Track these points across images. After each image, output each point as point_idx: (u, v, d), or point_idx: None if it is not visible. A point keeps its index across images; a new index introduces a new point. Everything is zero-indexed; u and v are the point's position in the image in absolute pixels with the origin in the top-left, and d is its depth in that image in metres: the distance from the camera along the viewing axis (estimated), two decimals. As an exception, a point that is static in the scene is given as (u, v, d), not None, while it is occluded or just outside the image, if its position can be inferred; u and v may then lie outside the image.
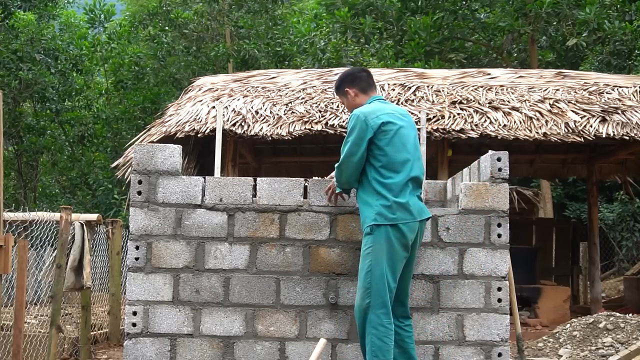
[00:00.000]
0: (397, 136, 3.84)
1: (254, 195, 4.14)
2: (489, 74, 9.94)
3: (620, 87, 9.38)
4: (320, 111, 8.80)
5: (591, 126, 8.40)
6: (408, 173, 3.82)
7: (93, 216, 6.54)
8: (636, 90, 9.27)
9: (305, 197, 4.14)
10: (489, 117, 8.60)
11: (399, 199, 3.75)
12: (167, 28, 18.92)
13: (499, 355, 4.04)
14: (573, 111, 8.69)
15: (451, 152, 8.98)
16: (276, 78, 9.98)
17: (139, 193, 4.12)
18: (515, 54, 16.72)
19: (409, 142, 3.90)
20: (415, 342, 4.02)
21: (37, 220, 6.34)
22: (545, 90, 9.28)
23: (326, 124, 8.54)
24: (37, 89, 17.25)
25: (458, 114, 8.66)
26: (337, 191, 4.02)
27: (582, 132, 8.34)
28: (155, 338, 4.05)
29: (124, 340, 4.08)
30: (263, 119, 8.62)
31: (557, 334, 6.71)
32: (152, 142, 8.36)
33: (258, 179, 4.18)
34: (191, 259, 4.09)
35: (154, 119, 11.64)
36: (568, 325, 6.83)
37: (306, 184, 4.16)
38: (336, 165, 3.91)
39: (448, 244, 4.10)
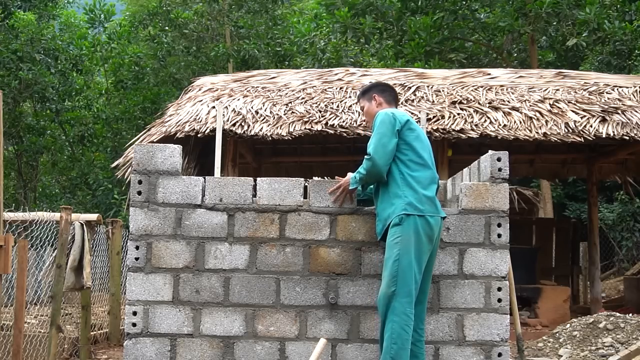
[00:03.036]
0: (420, 137, 4.04)
1: (254, 195, 4.14)
2: (489, 74, 9.94)
3: (620, 87, 9.38)
4: (320, 111, 8.80)
5: (591, 126, 8.40)
6: (433, 171, 4.00)
7: (93, 216, 6.54)
8: (636, 90, 9.27)
9: (305, 197, 4.14)
10: (489, 117, 8.60)
11: (427, 193, 3.88)
12: (167, 28, 18.92)
13: (499, 355, 4.04)
14: (573, 111, 8.69)
15: (451, 152, 8.98)
16: (276, 78, 9.97)
17: (139, 193, 4.12)
18: (515, 54, 16.72)
19: (428, 146, 4.10)
20: (415, 342, 4.02)
21: (37, 220, 6.34)
22: (545, 90, 9.28)
23: (326, 124, 8.54)
24: (37, 89, 17.25)
25: (458, 114, 8.66)
26: (351, 187, 4.02)
27: (582, 132, 8.34)
28: (155, 338, 4.05)
29: (124, 340, 4.08)
30: (263, 119, 8.62)
31: (557, 334, 6.71)
32: (152, 142, 8.36)
33: (258, 179, 4.18)
34: (191, 259, 4.09)
35: (154, 119, 11.64)
36: (568, 325, 6.83)
37: (306, 184, 4.16)
38: (367, 157, 3.91)
39: (448, 244, 4.10)
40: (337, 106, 8.89)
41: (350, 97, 9.18)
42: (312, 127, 8.49)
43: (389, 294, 3.74)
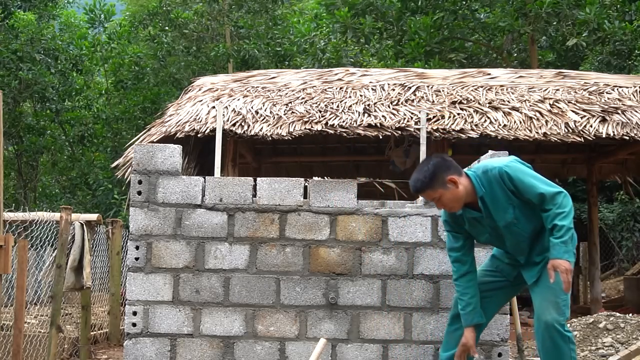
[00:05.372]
0: None
1: (254, 195, 4.14)
2: (489, 74, 9.94)
3: (620, 87, 9.38)
4: (320, 111, 8.80)
5: (591, 126, 8.40)
6: None
7: (93, 216, 6.54)
8: (636, 90, 9.27)
9: (305, 197, 4.14)
10: (489, 117, 8.61)
11: None
12: (167, 28, 18.91)
13: (499, 355, 4.04)
14: (573, 111, 8.70)
15: (451, 152, 8.97)
16: (276, 78, 9.98)
17: (139, 193, 4.12)
18: (515, 54, 16.72)
19: None
20: (416, 342, 4.03)
21: (37, 220, 6.34)
22: (545, 90, 9.28)
23: (326, 124, 8.53)
24: (37, 89, 17.25)
25: (458, 114, 8.66)
26: (571, 260, 3.44)
27: (582, 132, 8.34)
28: (155, 338, 4.05)
29: (124, 340, 4.08)
30: (263, 119, 8.62)
31: (557, 334, 6.69)
32: (152, 142, 8.36)
33: (258, 179, 4.18)
34: (191, 259, 4.09)
35: (154, 119, 11.63)
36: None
37: (306, 184, 4.16)
38: (556, 193, 3.45)
39: (448, 244, 4.09)
40: (337, 106, 8.89)
41: (350, 97, 9.18)
42: (312, 127, 8.49)
43: (561, 322, 3.50)
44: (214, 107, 8.64)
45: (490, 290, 3.80)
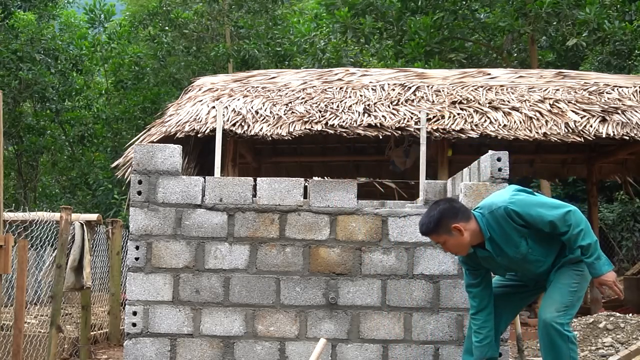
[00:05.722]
0: None
1: (254, 195, 4.14)
2: (489, 74, 9.94)
3: (620, 87, 9.38)
4: (320, 111, 8.80)
5: (591, 126, 8.40)
6: None
7: (93, 216, 6.54)
8: (636, 90, 9.27)
9: (305, 197, 4.14)
10: (489, 117, 8.60)
11: None
12: (167, 28, 18.90)
13: (499, 355, 4.04)
14: (573, 111, 8.69)
15: (451, 152, 8.98)
16: (276, 78, 9.97)
17: (139, 193, 4.12)
18: (515, 54, 16.71)
19: None
20: (415, 342, 4.02)
21: (37, 220, 6.34)
22: (545, 90, 9.28)
23: (326, 124, 8.53)
24: (37, 89, 17.24)
25: (458, 114, 8.66)
26: (610, 270, 3.47)
27: (582, 132, 8.34)
28: (155, 338, 4.05)
29: (124, 340, 4.08)
30: (263, 119, 8.62)
31: (557, 334, 6.69)
32: (152, 142, 8.36)
33: (258, 179, 4.18)
34: (191, 259, 4.09)
35: (154, 119, 11.63)
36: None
37: (306, 184, 4.16)
38: (595, 245, 3.43)
39: (448, 244, 4.09)
40: (337, 106, 8.89)
41: (350, 97, 9.18)
42: (312, 127, 8.49)
43: (560, 321, 3.48)
44: (214, 107, 8.64)
45: (507, 294, 3.81)
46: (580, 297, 3.56)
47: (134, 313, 4.06)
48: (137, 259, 4.09)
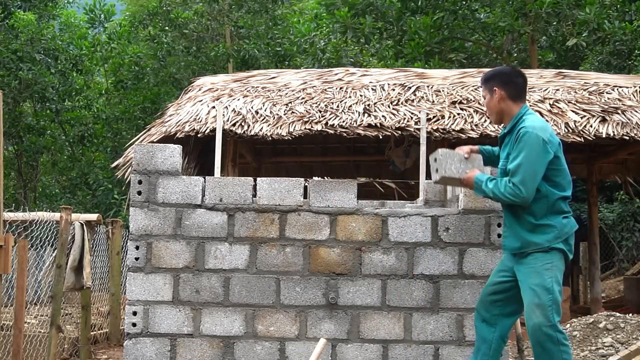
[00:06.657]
0: (562, 155, 3.83)
1: (254, 195, 4.15)
2: (489, 74, 9.92)
3: (620, 87, 9.38)
4: (320, 111, 8.80)
5: (591, 126, 8.40)
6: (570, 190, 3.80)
7: (93, 216, 6.54)
8: (636, 90, 9.27)
9: (305, 197, 4.14)
10: (489, 117, 8.59)
11: (572, 223, 3.73)
12: (167, 28, 18.91)
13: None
14: (573, 111, 8.69)
15: (451, 152, 8.96)
16: (276, 78, 9.97)
17: (139, 193, 4.12)
18: (515, 54, 16.70)
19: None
20: (415, 342, 4.02)
21: (37, 220, 6.34)
22: (545, 90, 9.28)
23: (326, 124, 8.53)
24: (37, 89, 17.24)
25: (458, 114, 8.66)
26: (475, 191, 3.77)
27: (582, 132, 8.34)
28: (155, 338, 4.05)
29: (124, 340, 4.09)
30: (263, 119, 8.62)
31: (557, 334, 6.69)
32: (152, 142, 8.36)
33: (258, 179, 4.18)
34: (191, 259, 4.09)
35: (154, 119, 11.63)
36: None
37: (306, 184, 4.16)
38: (512, 186, 3.57)
39: (448, 244, 4.10)
40: (337, 106, 8.89)
41: (350, 97, 9.18)
42: (312, 127, 8.49)
43: (550, 324, 3.49)
44: (214, 107, 8.64)
45: (501, 292, 3.81)
46: (559, 289, 3.57)
47: (134, 313, 4.06)
48: (137, 259, 4.09)
